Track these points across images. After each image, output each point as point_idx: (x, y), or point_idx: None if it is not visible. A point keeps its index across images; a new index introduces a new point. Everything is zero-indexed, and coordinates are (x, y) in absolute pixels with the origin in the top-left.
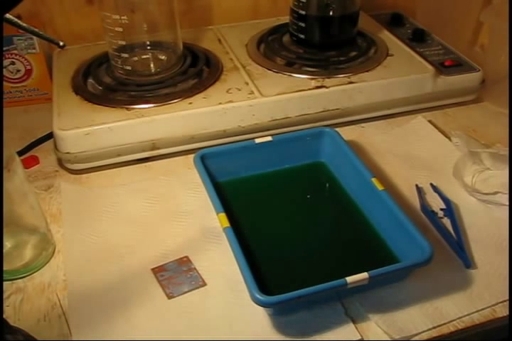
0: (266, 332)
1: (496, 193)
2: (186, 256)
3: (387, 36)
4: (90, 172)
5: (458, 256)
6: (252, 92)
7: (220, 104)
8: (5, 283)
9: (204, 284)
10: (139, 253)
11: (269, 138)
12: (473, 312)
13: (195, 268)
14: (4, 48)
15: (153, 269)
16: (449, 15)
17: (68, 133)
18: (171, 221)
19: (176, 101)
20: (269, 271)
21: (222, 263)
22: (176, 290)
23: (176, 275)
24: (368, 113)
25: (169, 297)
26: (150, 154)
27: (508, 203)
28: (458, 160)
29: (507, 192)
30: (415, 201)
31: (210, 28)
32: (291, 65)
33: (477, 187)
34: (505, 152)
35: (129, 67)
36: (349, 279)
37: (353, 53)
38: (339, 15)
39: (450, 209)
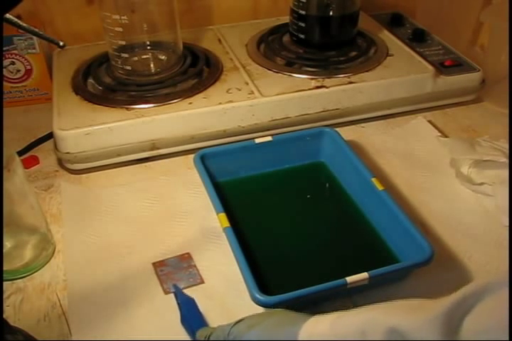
0: None
1: (482, 184)
2: (188, 253)
3: (387, 36)
4: (90, 172)
5: None
6: (252, 92)
7: (220, 104)
8: (5, 283)
9: (202, 282)
10: (138, 253)
11: (269, 138)
12: None
13: (195, 266)
14: (4, 48)
15: (154, 263)
16: (449, 15)
17: (68, 133)
18: (171, 221)
19: (176, 101)
20: (269, 271)
21: (222, 263)
22: (173, 286)
23: (176, 271)
24: (368, 113)
25: (166, 292)
26: (150, 154)
27: (492, 194)
28: (456, 149)
29: (492, 183)
30: (415, 201)
31: (210, 28)
32: (291, 65)
33: (472, 176)
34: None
35: (129, 67)
36: (349, 279)
37: (353, 53)
38: (339, 15)
39: None
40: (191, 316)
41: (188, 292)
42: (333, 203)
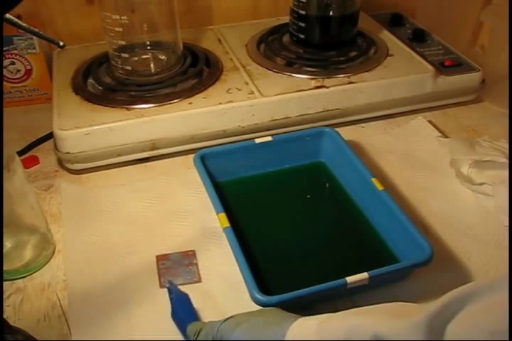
0: None
1: (482, 184)
2: (192, 250)
3: (387, 36)
4: (90, 172)
5: None
6: (252, 92)
7: (220, 104)
8: (5, 283)
9: (198, 281)
10: (138, 253)
11: (269, 138)
12: None
13: (196, 264)
14: (4, 48)
15: (157, 256)
16: (449, 15)
17: (68, 133)
18: (171, 221)
19: (176, 101)
20: (269, 271)
21: (222, 263)
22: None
23: (177, 266)
24: (368, 113)
25: (161, 286)
26: (150, 154)
27: (493, 194)
28: (456, 150)
29: (492, 183)
30: (415, 201)
31: (210, 28)
32: (291, 65)
33: (472, 176)
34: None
35: (129, 67)
36: (349, 279)
37: (353, 53)
38: (339, 15)
39: None
40: (184, 311)
41: (187, 291)
42: (333, 203)
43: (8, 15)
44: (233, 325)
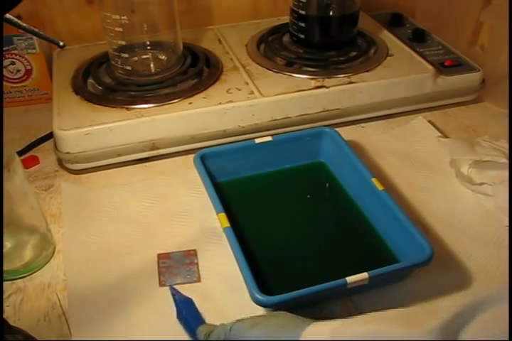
0: None
1: (482, 184)
2: (194, 250)
3: (387, 36)
4: (90, 172)
5: None
6: (252, 92)
7: (220, 104)
8: (5, 283)
9: (198, 280)
10: (138, 253)
11: (269, 138)
12: None
13: (196, 263)
14: (4, 48)
15: (159, 255)
16: (449, 15)
17: (68, 133)
18: (171, 221)
19: (176, 101)
20: (269, 271)
21: (222, 263)
22: (170, 280)
23: (177, 265)
24: (368, 113)
25: (161, 284)
26: (150, 154)
27: (493, 194)
28: (456, 150)
29: (492, 183)
30: (415, 201)
31: (210, 28)
32: (291, 65)
33: (472, 176)
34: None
35: (129, 67)
36: (349, 279)
37: (353, 53)
38: (339, 15)
39: None
40: (189, 314)
41: (187, 291)
42: (333, 203)
43: (8, 15)
44: (249, 325)
